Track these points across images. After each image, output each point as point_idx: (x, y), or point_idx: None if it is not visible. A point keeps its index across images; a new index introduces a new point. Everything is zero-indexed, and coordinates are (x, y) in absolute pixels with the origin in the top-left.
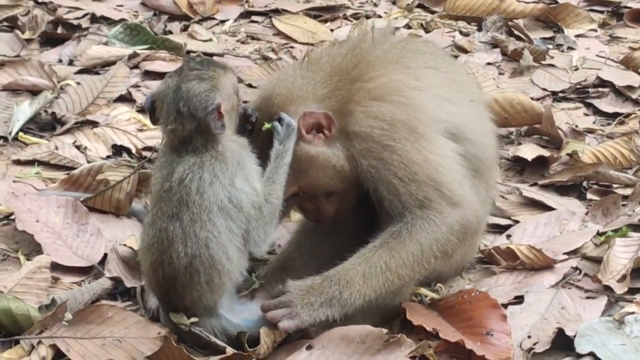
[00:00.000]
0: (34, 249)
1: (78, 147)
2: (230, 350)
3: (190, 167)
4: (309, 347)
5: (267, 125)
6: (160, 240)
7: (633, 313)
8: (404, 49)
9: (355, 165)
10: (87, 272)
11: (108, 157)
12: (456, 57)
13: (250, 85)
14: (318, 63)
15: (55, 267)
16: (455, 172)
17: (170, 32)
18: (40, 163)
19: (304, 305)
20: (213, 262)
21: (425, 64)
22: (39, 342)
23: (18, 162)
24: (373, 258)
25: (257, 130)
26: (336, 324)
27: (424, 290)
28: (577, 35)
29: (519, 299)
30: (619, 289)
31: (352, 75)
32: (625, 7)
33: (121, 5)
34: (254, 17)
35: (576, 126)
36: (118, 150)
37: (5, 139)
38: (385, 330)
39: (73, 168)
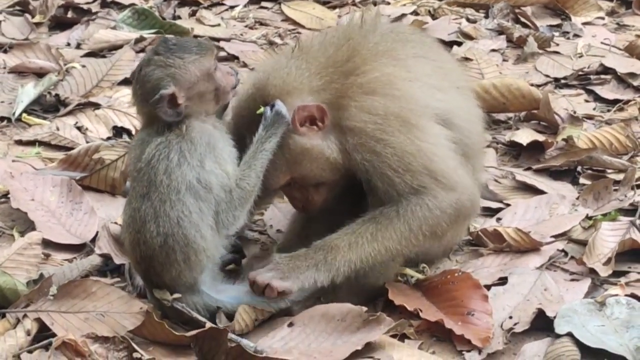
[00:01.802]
0: (29, 226)
1: (79, 128)
2: (208, 325)
3: (157, 147)
4: (290, 324)
5: (260, 110)
6: (134, 220)
7: (616, 295)
8: (394, 41)
9: (348, 159)
10: (79, 249)
11: (108, 138)
12: (461, 43)
13: (253, 70)
14: (310, 52)
15: (48, 244)
16: (448, 159)
17: (179, 17)
18: (41, 143)
19: (292, 269)
20: (187, 241)
21: (415, 54)
22: (24, 316)
23: (20, 142)
24: (360, 229)
25: (253, 116)
26: (319, 302)
27: (409, 271)
28: (585, 23)
29: (503, 281)
30: (604, 272)
31: (346, 68)
32: None
33: None
34: (263, 3)
35: (574, 112)
36: (119, 131)
37: (9, 119)
38: (365, 309)
39: (73, 148)
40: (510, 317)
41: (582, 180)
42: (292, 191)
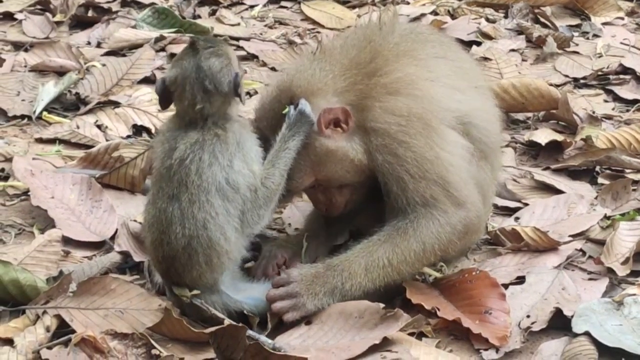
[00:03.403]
0: (49, 224)
1: (99, 127)
2: (227, 321)
3: (192, 147)
4: (308, 323)
5: (285, 110)
6: (159, 220)
7: (634, 295)
8: (414, 41)
9: (371, 160)
10: (99, 247)
11: (128, 136)
12: (480, 43)
13: (273, 69)
14: (333, 54)
15: (68, 241)
16: (462, 171)
17: (199, 17)
18: (62, 141)
19: (309, 295)
20: (211, 243)
21: (435, 54)
22: (44, 312)
23: (40, 141)
24: (377, 252)
25: (277, 117)
26: None
27: (427, 270)
28: (604, 23)
29: (521, 280)
30: (622, 272)
31: (369, 69)
32: None
33: None
34: (282, 3)
35: (593, 112)
36: (138, 130)
37: (29, 118)
38: (382, 305)
39: (93, 147)
40: (528, 316)
41: (600, 180)
42: (316, 193)
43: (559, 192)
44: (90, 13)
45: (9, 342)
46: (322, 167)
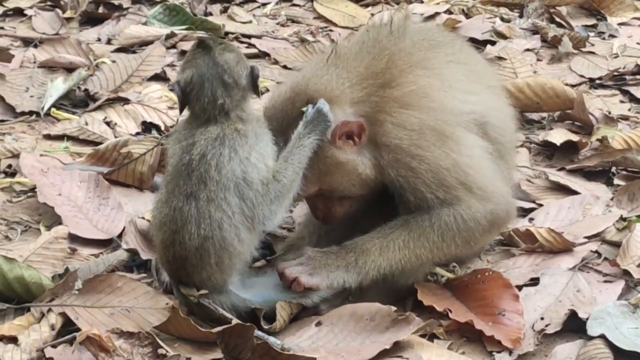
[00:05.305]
0: (55, 221)
1: (108, 123)
2: (234, 321)
3: (213, 142)
4: (318, 324)
5: (304, 109)
6: (173, 220)
7: None
8: (427, 49)
9: (381, 174)
10: (106, 244)
11: (137, 133)
12: (494, 42)
13: (285, 67)
14: (348, 61)
15: (74, 239)
16: (484, 170)
17: (211, 14)
18: (70, 138)
19: (322, 266)
20: (224, 244)
21: (447, 59)
22: (49, 310)
23: (48, 137)
24: (392, 234)
25: (289, 118)
26: (347, 301)
27: (439, 270)
28: (620, 24)
29: (535, 281)
30: (638, 274)
31: (383, 80)
32: None
33: None
34: (295, 1)
35: (609, 112)
36: (148, 127)
37: (37, 114)
38: (394, 308)
39: (101, 143)
40: (542, 318)
41: (616, 181)
42: (315, 201)
43: (574, 192)
44: (100, 9)
45: (13, 340)
46: (328, 177)
